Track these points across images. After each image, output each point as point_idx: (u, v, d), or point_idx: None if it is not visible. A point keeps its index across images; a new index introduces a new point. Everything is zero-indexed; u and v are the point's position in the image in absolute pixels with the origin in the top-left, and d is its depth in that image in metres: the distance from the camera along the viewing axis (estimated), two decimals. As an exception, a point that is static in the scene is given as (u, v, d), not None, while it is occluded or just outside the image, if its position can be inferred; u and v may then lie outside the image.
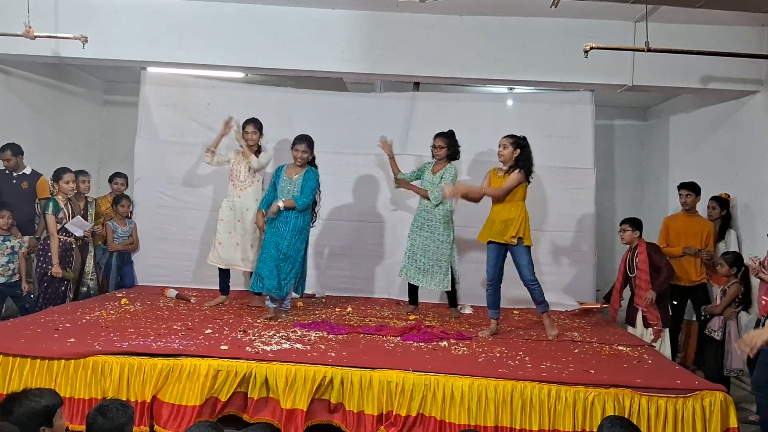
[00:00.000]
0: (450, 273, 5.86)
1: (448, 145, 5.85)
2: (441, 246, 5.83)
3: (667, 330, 5.62)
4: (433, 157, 5.94)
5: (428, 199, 5.84)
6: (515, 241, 5.04)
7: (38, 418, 2.68)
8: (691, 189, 6.10)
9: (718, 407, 3.79)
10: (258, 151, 5.91)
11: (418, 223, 5.94)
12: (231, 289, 6.16)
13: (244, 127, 5.90)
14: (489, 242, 5.18)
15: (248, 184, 5.93)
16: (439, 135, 5.89)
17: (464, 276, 6.72)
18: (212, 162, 6.05)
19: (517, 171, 5.05)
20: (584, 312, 6.42)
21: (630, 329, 5.75)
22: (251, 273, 5.83)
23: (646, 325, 5.53)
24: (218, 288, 6.05)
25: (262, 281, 5.36)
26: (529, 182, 5.16)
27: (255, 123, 5.90)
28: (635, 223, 5.80)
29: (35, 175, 6.37)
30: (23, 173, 6.31)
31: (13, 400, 2.73)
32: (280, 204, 5.39)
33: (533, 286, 5.14)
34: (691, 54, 5.54)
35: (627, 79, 6.08)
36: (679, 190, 6.17)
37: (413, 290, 6.15)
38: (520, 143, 5.12)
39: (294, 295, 5.62)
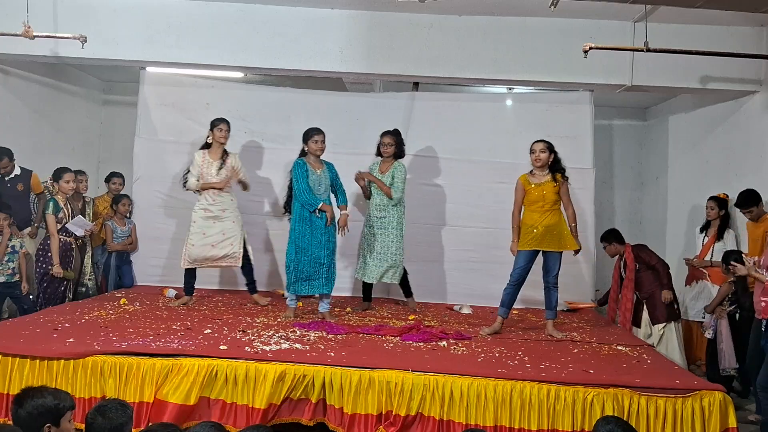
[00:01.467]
0: (401, 266, 5.91)
1: (397, 143, 5.90)
2: (394, 243, 5.85)
3: (673, 324, 5.63)
4: (381, 155, 5.96)
5: (390, 197, 5.84)
6: (576, 247, 5.11)
7: (46, 415, 2.68)
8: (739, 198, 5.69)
9: (717, 407, 3.78)
10: (225, 154, 5.88)
11: (371, 223, 5.92)
12: (235, 290, 6.40)
13: (216, 125, 5.81)
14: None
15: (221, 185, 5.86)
16: (388, 133, 5.92)
17: (463, 276, 6.74)
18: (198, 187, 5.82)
19: (565, 182, 5.11)
20: (575, 310, 6.46)
21: (634, 330, 5.74)
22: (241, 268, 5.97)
23: (654, 321, 5.54)
24: (184, 288, 5.97)
25: (312, 284, 5.37)
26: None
27: (228, 122, 5.87)
28: (611, 236, 5.91)
29: (26, 174, 6.37)
30: (15, 175, 6.30)
31: (27, 394, 2.74)
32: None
33: (556, 289, 5.18)
34: (690, 54, 5.54)
35: (626, 79, 6.09)
36: None
37: (368, 289, 6.14)
38: (552, 148, 5.15)
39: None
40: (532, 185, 5.11)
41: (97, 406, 2.80)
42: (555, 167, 5.11)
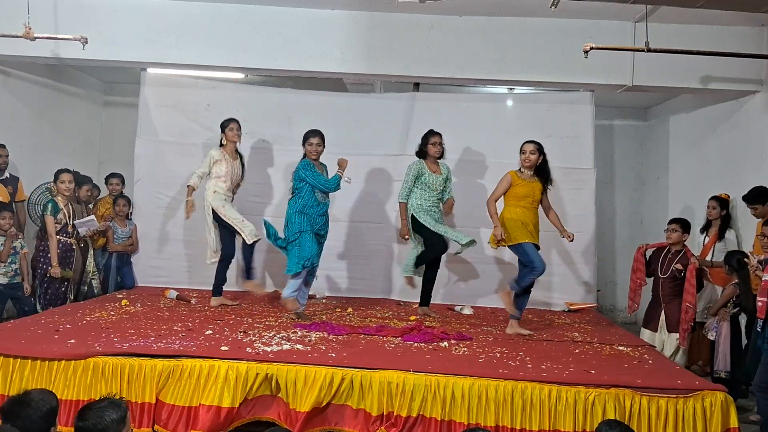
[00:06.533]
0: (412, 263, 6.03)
1: (442, 143, 5.98)
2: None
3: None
4: (428, 155, 5.95)
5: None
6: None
7: (49, 419, 2.67)
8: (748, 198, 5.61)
9: (718, 407, 3.78)
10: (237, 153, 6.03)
11: (435, 217, 5.94)
12: (236, 291, 6.48)
13: (227, 125, 5.90)
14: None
15: (237, 185, 6.05)
16: (437, 132, 5.96)
17: (463, 276, 6.75)
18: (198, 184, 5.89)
19: (550, 187, 5.33)
20: (576, 311, 6.45)
21: (647, 333, 5.57)
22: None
23: (671, 329, 5.36)
24: (216, 287, 6.02)
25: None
26: None
27: (238, 122, 5.96)
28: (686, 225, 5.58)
29: (14, 179, 6.39)
30: (5, 178, 6.30)
31: (21, 403, 2.68)
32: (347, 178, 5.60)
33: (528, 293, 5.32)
34: (690, 54, 5.55)
35: (627, 79, 6.09)
36: None
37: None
38: (542, 150, 5.24)
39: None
40: (524, 180, 5.21)
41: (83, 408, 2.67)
42: (541, 170, 5.23)
